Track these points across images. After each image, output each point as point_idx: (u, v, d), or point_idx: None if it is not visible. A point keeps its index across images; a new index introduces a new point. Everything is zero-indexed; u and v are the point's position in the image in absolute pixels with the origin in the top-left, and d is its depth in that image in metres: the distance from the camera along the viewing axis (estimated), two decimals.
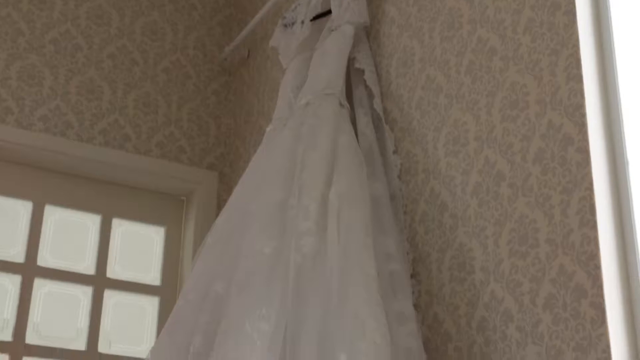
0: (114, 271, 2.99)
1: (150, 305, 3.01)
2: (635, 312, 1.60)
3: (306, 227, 2.06)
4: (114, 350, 2.90)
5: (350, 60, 2.44)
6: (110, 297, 2.95)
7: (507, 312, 1.82)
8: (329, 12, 2.55)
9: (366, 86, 2.41)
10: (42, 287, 2.85)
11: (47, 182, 2.98)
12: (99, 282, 2.94)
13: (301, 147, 2.25)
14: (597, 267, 1.62)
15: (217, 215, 2.47)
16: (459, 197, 2.03)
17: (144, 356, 2.13)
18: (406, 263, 2.10)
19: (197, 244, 2.89)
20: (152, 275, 3.05)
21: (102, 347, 2.88)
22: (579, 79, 1.76)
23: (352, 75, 2.45)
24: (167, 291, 3.02)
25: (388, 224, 2.13)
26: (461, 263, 1.98)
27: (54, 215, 2.97)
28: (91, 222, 3.02)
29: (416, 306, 2.06)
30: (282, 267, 2.01)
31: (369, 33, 2.52)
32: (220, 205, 3.01)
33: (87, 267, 2.96)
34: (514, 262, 1.82)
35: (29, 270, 2.85)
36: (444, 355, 1.97)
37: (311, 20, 2.60)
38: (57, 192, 2.99)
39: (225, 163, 3.22)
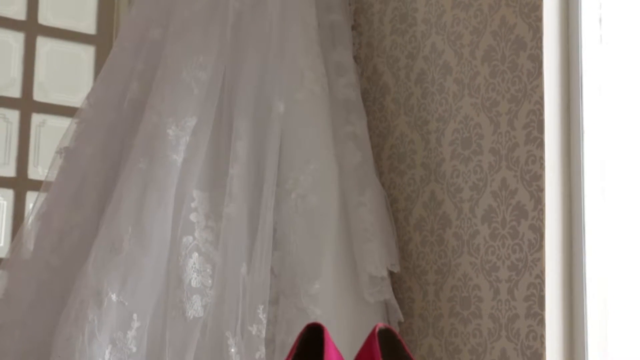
0: (45, 17, 2.87)
1: (85, 54, 2.93)
2: (572, 65, 1.60)
3: None
4: (51, 99, 2.86)
5: None
6: (44, 45, 2.86)
7: (446, 65, 1.81)
8: None
9: None
10: None
11: None
12: (31, 28, 2.83)
13: None
14: (539, 19, 1.60)
15: None
16: None
17: (80, 105, 2.09)
18: (347, 14, 2.05)
19: None
20: (87, 23, 2.94)
21: (38, 96, 2.83)
22: None
23: None
24: (102, 40, 2.94)
25: None
26: (403, 15, 1.94)
27: None
28: None
29: (356, 58, 2.04)
30: (220, 14, 1.95)
31: None
32: None
33: (17, 12, 2.83)
34: (456, 14, 1.79)
35: None
36: (381, 107, 1.99)
37: None
38: None
39: None
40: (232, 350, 1.61)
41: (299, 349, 1.02)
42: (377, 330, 1.00)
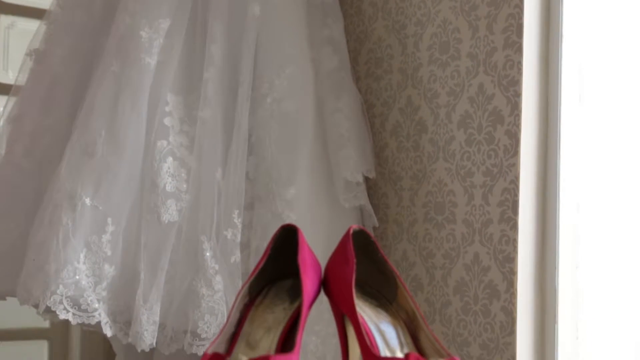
0: None
1: None
2: None
3: None
4: (20, 0, 2.78)
5: None
6: None
7: None
8: None
9: None
10: None
11: None
12: None
13: None
14: None
15: None
16: None
17: (49, 6, 2.03)
18: None
19: None
20: None
21: None
22: None
23: None
24: None
25: None
26: None
27: None
28: None
29: None
30: None
31: None
32: None
33: None
34: None
35: None
36: (358, 10, 1.95)
37: None
38: None
39: None
40: (207, 254, 1.62)
41: (272, 250, 1.02)
42: (351, 231, 1.00)
